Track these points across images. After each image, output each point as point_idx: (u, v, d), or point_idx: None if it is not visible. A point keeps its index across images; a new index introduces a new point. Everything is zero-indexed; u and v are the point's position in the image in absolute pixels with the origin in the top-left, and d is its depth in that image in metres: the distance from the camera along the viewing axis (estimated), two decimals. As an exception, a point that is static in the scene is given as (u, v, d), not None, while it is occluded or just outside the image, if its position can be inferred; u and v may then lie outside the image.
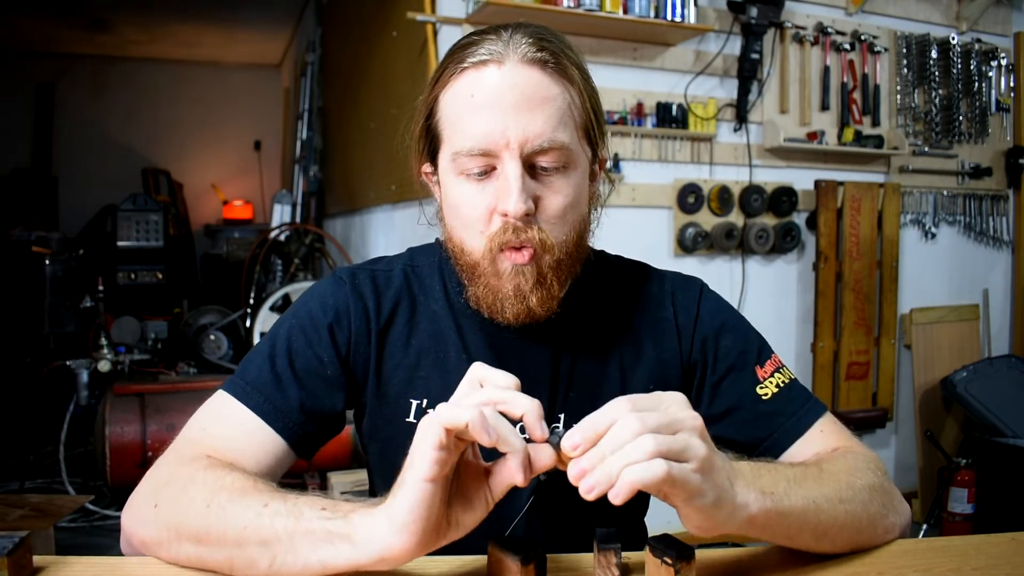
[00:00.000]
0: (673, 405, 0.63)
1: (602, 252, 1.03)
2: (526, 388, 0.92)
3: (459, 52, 0.85)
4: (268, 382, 0.87)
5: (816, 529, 0.73)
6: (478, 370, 0.66)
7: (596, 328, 0.96)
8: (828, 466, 0.81)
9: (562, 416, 0.92)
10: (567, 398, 0.93)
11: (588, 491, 0.58)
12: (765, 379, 0.93)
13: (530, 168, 0.83)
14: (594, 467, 0.58)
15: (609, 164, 0.99)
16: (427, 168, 0.93)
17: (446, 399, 0.91)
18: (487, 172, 0.83)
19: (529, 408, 0.62)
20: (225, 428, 0.84)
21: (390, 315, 0.94)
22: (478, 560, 0.72)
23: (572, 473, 0.59)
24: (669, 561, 0.64)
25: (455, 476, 0.65)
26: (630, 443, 0.58)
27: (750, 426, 0.91)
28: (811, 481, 0.75)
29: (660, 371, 0.95)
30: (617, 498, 0.57)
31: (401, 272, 0.97)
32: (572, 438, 0.60)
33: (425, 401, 0.92)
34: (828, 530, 0.74)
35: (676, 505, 0.62)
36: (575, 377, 0.93)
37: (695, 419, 0.63)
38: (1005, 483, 2.76)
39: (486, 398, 0.63)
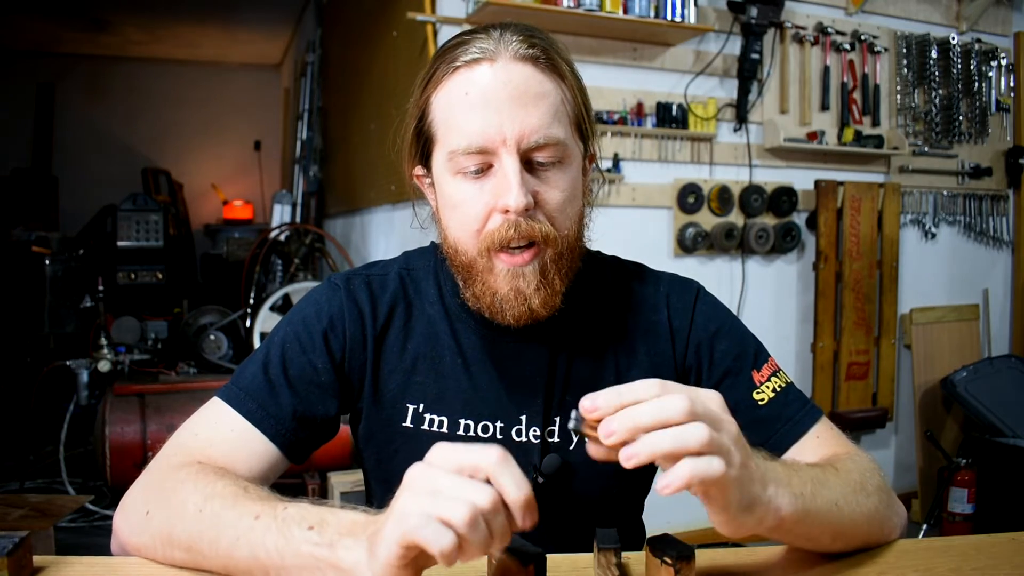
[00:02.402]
0: (710, 402, 0.62)
1: (597, 253, 1.02)
2: (522, 391, 0.92)
3: (449, 52, 0.85)
4: (261, 388, 0.87)
5: (835, 530, 0.73)
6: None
7: (592, 330, 0.95)
8: (842, 467, 0.81)
9: (558, 419, 0.92)
10: (563, 401, 0.92)
11: (627, 459, 0.56)
12: (761, 383, 0.92)
13: (526, 164, 0.83)
14: (626, 430, 0.57)
15: (608, 163, 0.99)
16: (419, 171, 0.93)
17: (441, 404, 0.92)
18: (484, 170, 0.83)
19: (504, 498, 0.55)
20: (217, 434, 0.84)
21: (386, 320, 0.94)
22: (478, 560, 0.72)
23: (602, 432, 0.58)
24: (669, 561, 0.64)
25: None
26: (682, 427, 0.57)
27: (746, 431, 0.89)
28: (832, 481, 0.75)
29: (654, 375, 0.94)
30: (668, 489, 0.56)
31: (396, 276, 0.97)
32: (595, 400, 0.58)
33: (421, 406, 0.92)
34: (845, 531, 0.74)
35: (707, 506, 0.62)
36: (571, 380, 0.93)
37: (733, 423, 0.62)
38: (1005, 483, 2.75)
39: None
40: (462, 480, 0.55)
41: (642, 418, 0.57)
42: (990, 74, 3.51)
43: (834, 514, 0.72)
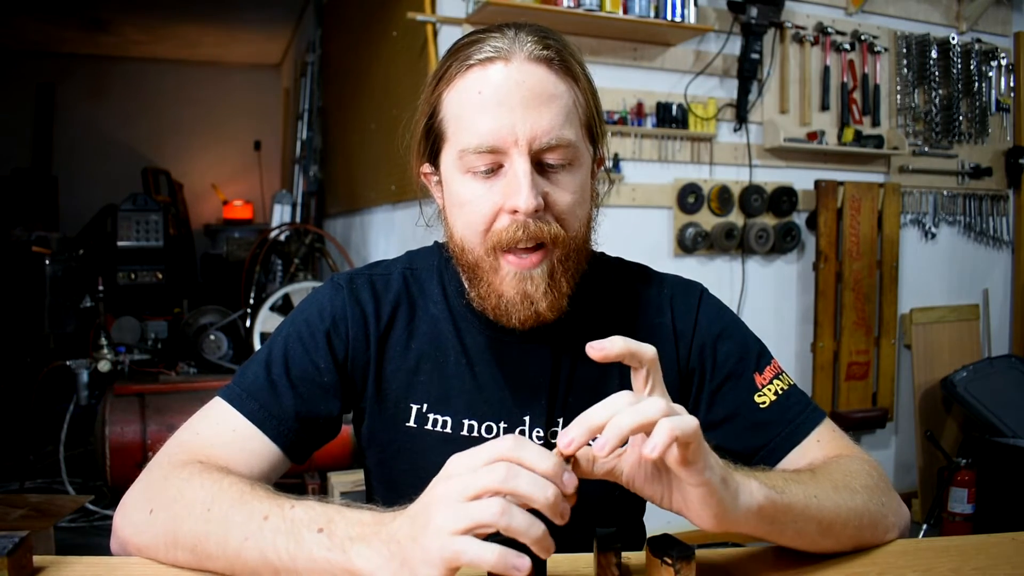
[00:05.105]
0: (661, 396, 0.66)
1: (602, 254, 1.02)
2: (526, 392, 0.92)
3: (463, 50, 0.84)
4: (263, 389, 0.87)
5: (820, 523, 0.73)
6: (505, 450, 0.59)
7: (596, 332, 0.94)
8: (821, 469, 0.81)
9: (561, 420, 0.92)
10: (566, 402, 0.92)
11: (601, 448, 0.57)
12: (763, 386, 0.92)
13: (537, 165, 0.82)
14: (583, 434, 0.59)
15: (609, 164, 0.99)
16: (427, 169, 0.92)
17: (445, 404, 0.92)
18: (494, 170, 0.83)
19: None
20: (219, 433, 0.84)
21: (389, 320, 0.94)
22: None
23: (561, 442, 0.60)
24: (669, 561, 0.64)
25: None
26: (637, 404, 0.59)
27: (747, 434, 0.91)
28: (805, 479, 0.75)
29: None
30: (656, 450, 0.56)
31: (400, 276, 0.97)
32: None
33: (425, 406, 0.92)
34: (832, 525, 0.74)
35: (687, 501, 0.63)
36: (575, 381, 0.93)
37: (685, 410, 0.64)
38: (1005, 483, 2.75)
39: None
40: (477, 473, 0.57)
41: (595, 418, 0.59)
42: (990, 74, 3.51)
43: (814, 505, 0.72)
